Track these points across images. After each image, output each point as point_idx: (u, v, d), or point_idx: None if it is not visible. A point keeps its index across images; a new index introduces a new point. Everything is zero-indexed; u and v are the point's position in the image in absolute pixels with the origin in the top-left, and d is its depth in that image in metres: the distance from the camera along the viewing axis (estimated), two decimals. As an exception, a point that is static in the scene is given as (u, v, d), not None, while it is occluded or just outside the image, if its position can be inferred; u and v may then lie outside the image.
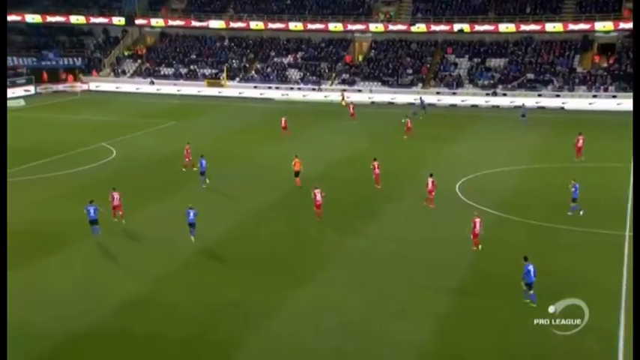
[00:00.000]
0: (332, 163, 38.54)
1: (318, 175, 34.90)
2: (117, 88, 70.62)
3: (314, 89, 66.65)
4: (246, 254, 24.98)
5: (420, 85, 65.74)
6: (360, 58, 70.50)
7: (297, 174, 33.36)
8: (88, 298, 21.23)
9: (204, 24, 73.30)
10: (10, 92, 64.31)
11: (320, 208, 28.18)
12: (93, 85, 70.99)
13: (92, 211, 26.77)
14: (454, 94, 63.50)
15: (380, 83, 66.69)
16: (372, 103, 63.79)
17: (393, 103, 63.75)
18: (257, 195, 32.27)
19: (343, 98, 60.71)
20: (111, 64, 74.97)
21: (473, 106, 61.59)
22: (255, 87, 68.42)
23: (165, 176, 35.49)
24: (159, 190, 33.11)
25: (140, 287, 21.94)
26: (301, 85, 67.79)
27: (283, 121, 46.89)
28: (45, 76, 70.67)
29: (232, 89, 68.38)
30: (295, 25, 70.91)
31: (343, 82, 67.70)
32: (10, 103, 60.10)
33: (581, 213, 27.98)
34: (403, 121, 47.57)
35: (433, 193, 29.97)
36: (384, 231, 27.41)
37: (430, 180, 30.08)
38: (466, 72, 65.81)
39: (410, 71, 67.05)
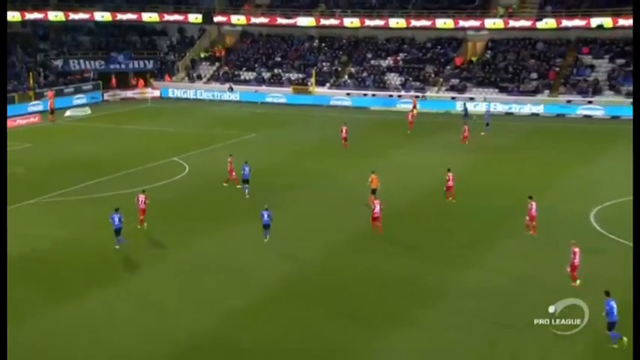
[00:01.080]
0: (428, 185, 38.20)
1: (408, 202, 34.97)
2: (192, 94, 73.07)
3: (417, 97, 66.37)
4: (328, 286, 25.09)
5: (547, 92, 64.23)
6: (474, 60, 69.73)
7: (373, 192, 33.57)
8: (156, 334, 21.87)
9: (291, 21, 74.79)
10: (75, 99, 67.97)
11: (378, 220, 29.78)
12: (165, 92, 73.72)
13: (117, 219, 28.44)
14: (590, 102, 61.53)
15: (497, 90, 65.66)
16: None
17: (512, 114, 62.66)
18: (340, 218, 32.50)
19: (415, 106, 60.70)
20: (185, 68, 77.76)
21: (614, 117, 59.49)
22: (348, 94, 68.96)
23: (241, 196, 36.24)
24: (233, 211, 33.85)
25: (210, 324, 22.38)
26: (402, 92, 67.72)
27: (344, 131, 47.21)
28: (113, 81, 74.15)
29: (322, 96, 69.36)
30: (397, 22, 71.07)
31: (452, 88, 67.16)
32: (74, 112, 63.56)
33: None
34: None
35: (534, 220, 29.68)
36: (500, 263, 26.99)
37: (532, 204, 29.68)
38: (606, 76, 63.65)
39: (534, 76, 65.64)
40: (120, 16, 77.63)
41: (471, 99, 64.78)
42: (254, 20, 76.43)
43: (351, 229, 31.03)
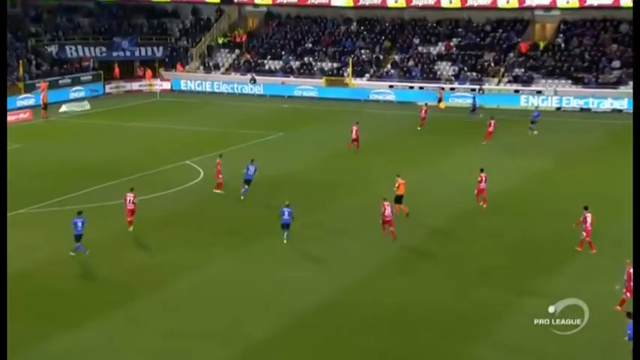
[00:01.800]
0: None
1: (451, 215, 34.93)
2: (208, 87, 73.44)
3: (474, 90, 66.01)
4: (358, 316, 24.89)
5: (632, 83, 63.34)
6: (542, 45, 69.20)
7: (399, 199, 33.89)
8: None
9: (324, 1, 74.93)
10: (72, 92, 68.68)
11: (390, 224, 31.15)
12: (177, 84, 74.28)
13: (80, 224, 29.49)
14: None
15: (570, 82, 65.10)
16: (558, 109, 62.41)
17: (588, 110, 62.06)
18: (371, 234, 32.32)
19: (440, 100, 62.17)
20: (200, 56, 78.21)
21: None
22: (392, 86, 68.84)
23: (264, 207, 36.27)
24: (255, 224, 33.91)
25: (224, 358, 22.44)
26: (456, 85, 67.42)
27: (354, 131, 47.13)
28: (116, 70, 74.84)
29: (360, 89, 69.34)
30: (449, 1, 70.94)
31: (515, 79, 66.67)
32: (71, 107, 64.15)
33: None
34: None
35: (589, 235, 30.14)
36: (560, 290, 26.50)
37: (587, 215, 30.05)
38: (701, 65, 62.75)
39: (617, 64, 64.97)
40: (124, -5, 78.36)
41: (539, 92, 64.32)
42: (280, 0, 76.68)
43: (382, 248, 30.98)
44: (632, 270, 24.35)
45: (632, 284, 24.20)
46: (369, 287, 27.54)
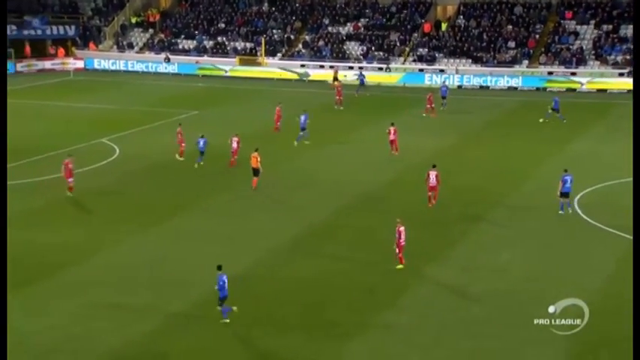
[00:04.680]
0: (406, 168, 38.69)
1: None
2: (122, 66, 72.43)
3: (381, 69, 66.74)
4: (275, 294, 25.11)
5: (526, 62, 65.18)
6: (444, 26, 70.29)
7: (255, 172, 34.38)
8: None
9: (235, -18, 74.46)
10: (-15, 71, 66.59)
11: (235, 160, 36.93)
12: (90, 62, 73.03)
13: None
14: (573, 74, 62.62)
15: (470, 61, 66.40)
16: (460, 87, 63.59)
17: (487, 88, 63.51)
18: (280, 215, 32.35)
19: (336, 78, 62.11)
20: (114, 35, 76.84)
21: (600, 91, 60.81)
22: (303, 65, 68.96)
23: (183, 183, 36.06)
24: (171, 202, 33.59)
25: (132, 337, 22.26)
26: (364, 64, 67.99)
27: (277, 112, 46.53)
28: (27, 49, 72.91)
29: (272, 68, 69.30)
30: (357, -17, 71.33)
31: (420, 59, 67.63)
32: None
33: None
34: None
35: (430, 190, 31.53)
36: (471, 261, 27.28)
37: (431, 173, 31.32)
38: (591, 44, 64.80)
39: (512, 44, 66.53)
40: (35, -26, 76.35)
41: (442, 71, 65.40)
42: (193, -20, 75.91)
43: (293, 224, 30.78)
44: (402, 228, 25.70)
45: (401, 240, 25.68)
46: (272, 263, 27.18)
